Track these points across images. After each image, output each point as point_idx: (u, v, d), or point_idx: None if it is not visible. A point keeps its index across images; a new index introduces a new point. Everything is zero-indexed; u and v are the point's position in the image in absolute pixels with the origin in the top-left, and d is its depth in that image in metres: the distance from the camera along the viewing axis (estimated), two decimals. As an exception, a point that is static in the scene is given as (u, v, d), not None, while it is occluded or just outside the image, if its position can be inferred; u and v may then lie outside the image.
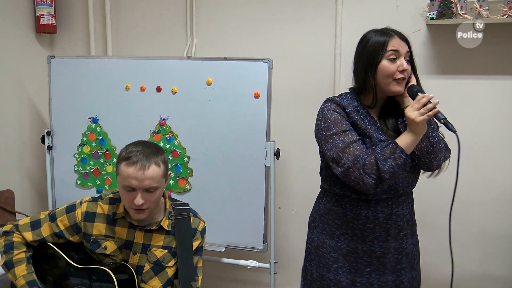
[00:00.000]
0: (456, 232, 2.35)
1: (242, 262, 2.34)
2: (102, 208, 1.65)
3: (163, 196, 1.67)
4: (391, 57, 1.53)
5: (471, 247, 2.37)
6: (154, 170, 1.52)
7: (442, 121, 1.44)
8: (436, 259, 2.24)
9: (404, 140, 1.48)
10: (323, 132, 1.58)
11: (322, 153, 1.65)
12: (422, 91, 1.50)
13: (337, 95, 1.69)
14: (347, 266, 1.64)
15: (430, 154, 1.56)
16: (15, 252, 1.61)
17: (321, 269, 1.69)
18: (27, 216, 2.46)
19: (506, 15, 2.05)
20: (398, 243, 1.64)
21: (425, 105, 1.43)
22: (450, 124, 1.43)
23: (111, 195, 1.68)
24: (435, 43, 2.26)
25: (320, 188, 1.77)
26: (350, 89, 1.68)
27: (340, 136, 1.53)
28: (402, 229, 1.64)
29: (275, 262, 2.29)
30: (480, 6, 2.07)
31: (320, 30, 2.43)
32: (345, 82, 2.40)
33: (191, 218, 1.70)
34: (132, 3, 2.72)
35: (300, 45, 2.47)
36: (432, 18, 2.14)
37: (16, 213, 2.47)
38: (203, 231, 1.73)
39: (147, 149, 1.55)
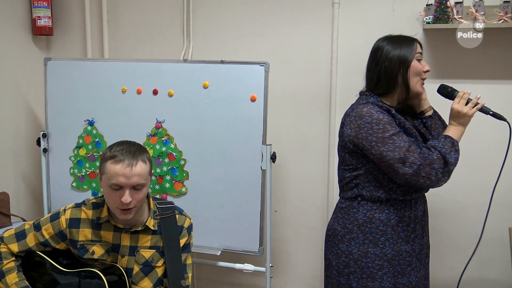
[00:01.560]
0: (452, 235, 2.37)
1: (238, 265, 2.33)
2: (86, 213, 1.65)
3: (147, 196, 1.67)
4: (418, 58, 1.65)
5: (467, 250, 2.37)
6: (141, 167, 1.53)
7: (491, 113, 1.63)
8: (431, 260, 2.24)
9: (456, 133, 1.60)
10: (379, 134, 1.56)
11: (376, 156, 1.58)
12: (456, 90, 1.66)
13: (360, 99, 1.70)
14: (391, 270, 1.65)
15: (454, 152, 1.64)
16: (4, 262, 1.60)
17: (363, 280, 1.66)
18: (22, 219, 2.48)
19: (502, 20, 2.06)
20: (427, 237, 1.76)
21: (467, 100, 1.62)
22: (498, 114, 1.65)
23: (94, 200, 1.68)
24: (431, 47, 2.27)
25: (347, 197, 1.72)
26: (368, 93, 1.69)
27: (399, 136, 1.56)
28: (428, 224, 1.76)
29: (271, 266, 2.28)
30: (476, 11, 2.08)
31: (316, 33, 2.44)
32: (341, 85, 2.41)
33: (177, 216, 1.70)
34: (128, 5, 2.72)
35: (297, 49, 2.47)
36: (428, 23, 2.15)
37: (11, 216, 2.46)
38: (189, 228, 1.72)
39: (132, 147, 1.56)
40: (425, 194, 1.79)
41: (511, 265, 2.09)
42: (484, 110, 1.64)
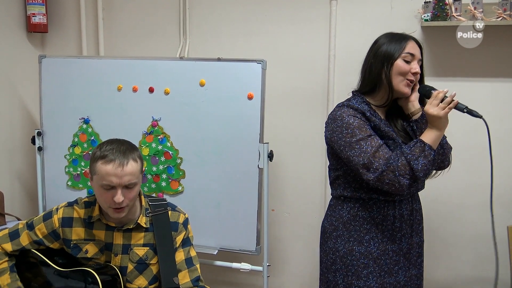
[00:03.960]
0: (450, 235, 2.37)
1: (235, 265, 2.33)
2: (78, 212, 1.64)
3: (139, 194, 1.66)
4: (406, 58, 1.58)
5: (465, 249, 2.37)
6: (132, 166, 1.52)
7: (465, 110, 1.51)
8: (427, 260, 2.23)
9: (430, 137, 1.51)
10: (346, 139, 1.56)
11: (345, 160, 1.60)
12: (435, 88, 1.56)
13: (346, 100, 1.68)
14: (377, 270, 1.63)
15: (442, 155, 1.63)
16: None
17: (348, 278, 1.65)
18: (17, 218, 2.46)
19: (501, 18, 2.05)
20: (419, 237, 1.71)
21: (442, 99, 1.49)
22: (474, 111, 1.51)
23: (86, 199, 1.67)
24: (429, 45, 2.25)
25: (334, 196, 1.74)
26: (356, 92, 1.69)
27: (367, 141, 1.53)
28: (420, 223, 1.72)
29: (268, 265, 2.27)
30: (475, 8, 2.07)
31: (314, 31, 2.42)
32: (339, 83, 2.40)
33: (169, 213, 1.68)
34: (124, 2, 2.70)
35: (294, 46, 2.46)
36: (426, 20, 2.14)
37: (6, 215, 2.44)
38: (185, 222, 1.71)
39: (122, 146, 1.54)
40: (419, 193, 1.76)
41: (510, 264, 2.08)
42: (458, 108, 1.51)
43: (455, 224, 2.35)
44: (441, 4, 2.09)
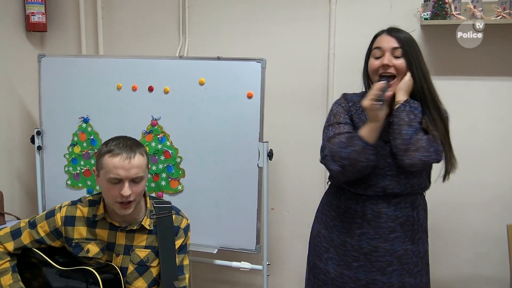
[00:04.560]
0: (449, 233, 2.37)
1: (235, 264, 2.33)
2: (82, 211, 1.64)
3: (144, 195, 1.66)
4: (376, 55, 1.60)
5: (464, 248, 2.37)
6: (139, 159, 1.53)
7: (380, 103, 1.49)
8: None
9: (364, 128, 1.54)
10: (325, 123, 1.66)
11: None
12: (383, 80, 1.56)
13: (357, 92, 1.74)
14: (336, 258, 1.67)
15: (404, 152, 1.53)
16: None
17: (314, 258, 1.75)
18: (17, 218, 2.46)
19: (500, 16, 2.05)
20: (389, 244, 1.62)
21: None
22: (380, 101, 1.48)
23: (90, 198, 1.67)
24: (429, 43, 2.25)
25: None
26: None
27: (334, 127, 1.60)
28: (393, 231, 1.62)
29: (268, 264, 2.27)
30: (474, 7, 2.06)
31: (313, 30, 2.42)
32: (338, 82, 2.40)
33: (173, 216, 1.68)
34: (124, 1, 2.70)
35: (293, 45, 2.46)
36: (426, 19, 2.14)
37: (5, 214, 2.43)
38: (186, 229, 1.71)
39: (128, 141, 1.56)
40: (411, 201, 1.65)
41: (509, 262, 2.09)
42: (377, 100, 1.49)
43: (454, 222, 2.35)
44: (440, 2, 2.09)
